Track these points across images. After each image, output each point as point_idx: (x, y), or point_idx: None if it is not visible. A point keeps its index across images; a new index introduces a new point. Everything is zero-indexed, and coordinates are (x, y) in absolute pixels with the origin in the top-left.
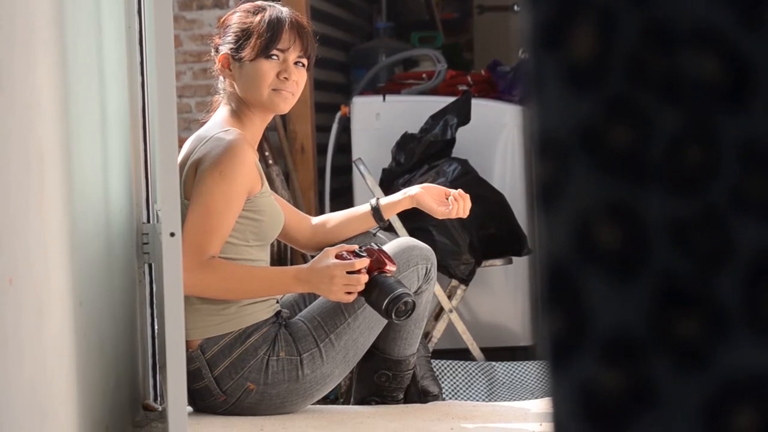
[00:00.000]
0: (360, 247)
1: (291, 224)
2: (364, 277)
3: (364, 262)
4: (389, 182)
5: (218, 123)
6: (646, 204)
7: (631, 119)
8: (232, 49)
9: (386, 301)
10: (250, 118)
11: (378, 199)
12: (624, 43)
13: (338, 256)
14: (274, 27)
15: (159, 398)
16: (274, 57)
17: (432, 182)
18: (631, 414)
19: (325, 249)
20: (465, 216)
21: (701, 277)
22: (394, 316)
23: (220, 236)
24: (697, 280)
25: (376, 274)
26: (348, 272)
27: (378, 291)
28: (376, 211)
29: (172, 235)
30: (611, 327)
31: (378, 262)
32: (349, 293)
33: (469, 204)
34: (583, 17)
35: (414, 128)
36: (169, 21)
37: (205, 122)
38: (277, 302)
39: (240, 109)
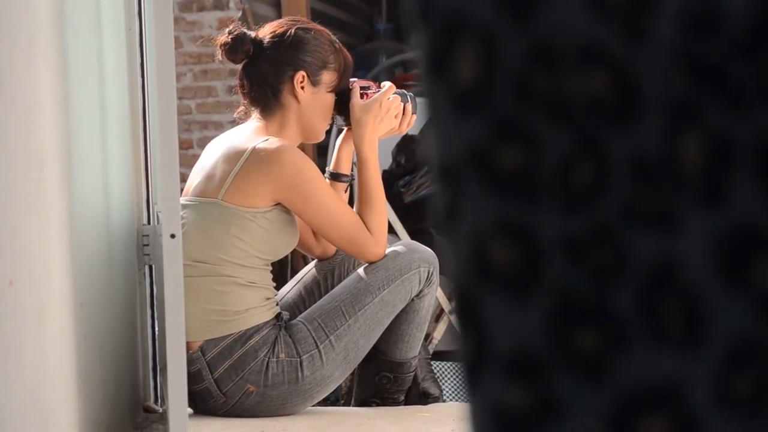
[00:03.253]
0: (363, 86)
1: (305, 232)
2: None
3: (391, 86)
4: (390, 184)
5: (255, 133)
6: (539, 222)
7: (519, 140)
8: (310, 71)
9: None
10: (292, 137)
11: (327, 169)
12: (509, 65)
13: (364, 96)
14: (350, 70)
15: (159, 400)
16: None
17: (430, 185)
18: (537, 431)
19: (351, 104)
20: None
21: (597, 291)
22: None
23: (352, 213)
24: (593, 294)
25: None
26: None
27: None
28: (334, 177)
29: (173, 236)
30: (512, 345)
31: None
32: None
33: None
34: (464, 41)
35: (414, 130)
36: (170, 22)
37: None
38: (278, 304)
39: (288, 126)
